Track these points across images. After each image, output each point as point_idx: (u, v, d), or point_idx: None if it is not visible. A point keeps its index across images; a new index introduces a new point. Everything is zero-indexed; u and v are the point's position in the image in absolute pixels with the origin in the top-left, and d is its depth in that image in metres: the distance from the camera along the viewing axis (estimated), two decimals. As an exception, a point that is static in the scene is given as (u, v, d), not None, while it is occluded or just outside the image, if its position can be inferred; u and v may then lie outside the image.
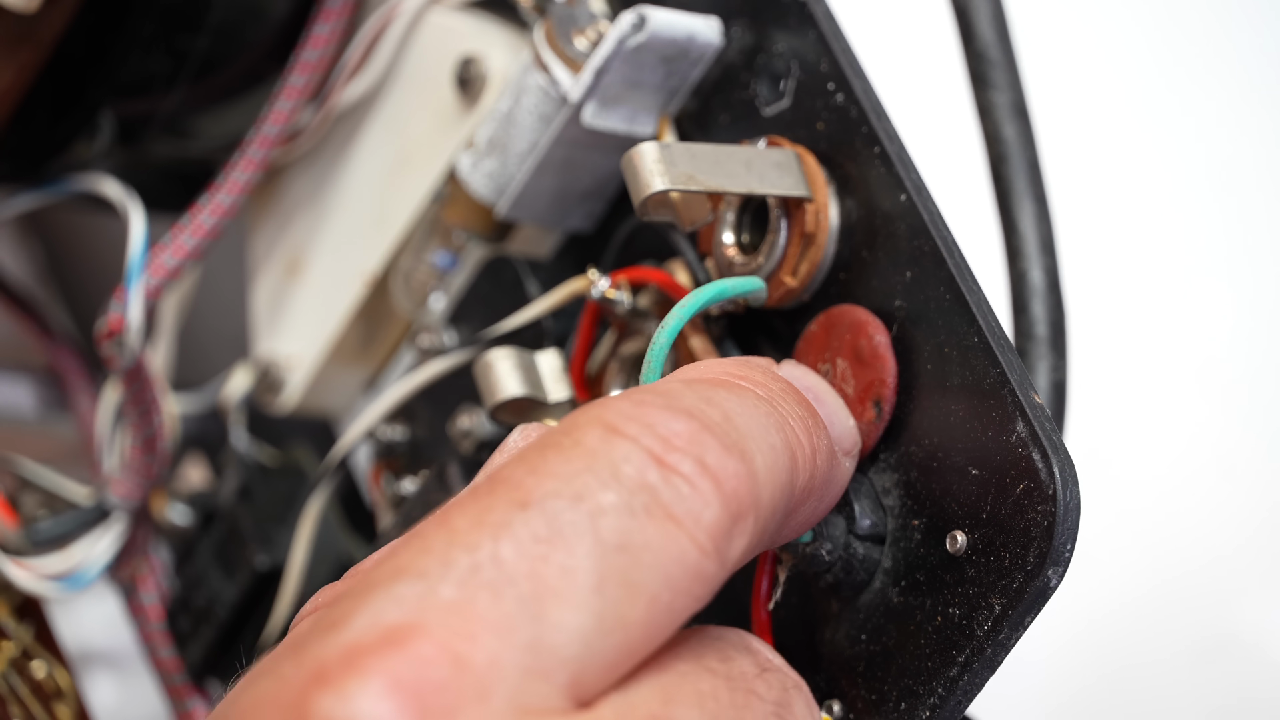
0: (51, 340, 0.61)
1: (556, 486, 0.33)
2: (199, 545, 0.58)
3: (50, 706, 0.55)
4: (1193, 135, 0.82)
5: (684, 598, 0.33)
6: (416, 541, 0.33)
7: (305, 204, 0.56)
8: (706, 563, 0.34)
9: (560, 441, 0.34)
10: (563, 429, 0.34)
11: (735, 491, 0.34)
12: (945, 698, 0.39)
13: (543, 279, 0.49)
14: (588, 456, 0.33)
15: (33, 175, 0.55)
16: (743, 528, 0.34)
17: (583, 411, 0.35)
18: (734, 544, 0.34)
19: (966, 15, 0.50)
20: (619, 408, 0.34)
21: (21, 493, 0.57)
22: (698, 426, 0.34)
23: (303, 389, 0.56)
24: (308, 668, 0.31)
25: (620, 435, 0.34)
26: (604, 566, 0.32)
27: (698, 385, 0.36)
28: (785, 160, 0.43)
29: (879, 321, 0.41)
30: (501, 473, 0.34)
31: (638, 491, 0.33)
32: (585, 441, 0.34)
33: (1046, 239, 0.49)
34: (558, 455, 0.34)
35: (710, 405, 0.35)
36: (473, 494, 0.34)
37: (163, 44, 0.52)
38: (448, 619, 0.31)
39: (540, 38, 0.47)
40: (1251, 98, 0.83)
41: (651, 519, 0.33)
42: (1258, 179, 0.81)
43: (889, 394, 0.40)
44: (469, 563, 0.32)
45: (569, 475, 0.33)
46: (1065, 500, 0.37)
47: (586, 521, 0.33)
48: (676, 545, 0.33)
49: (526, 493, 0.33)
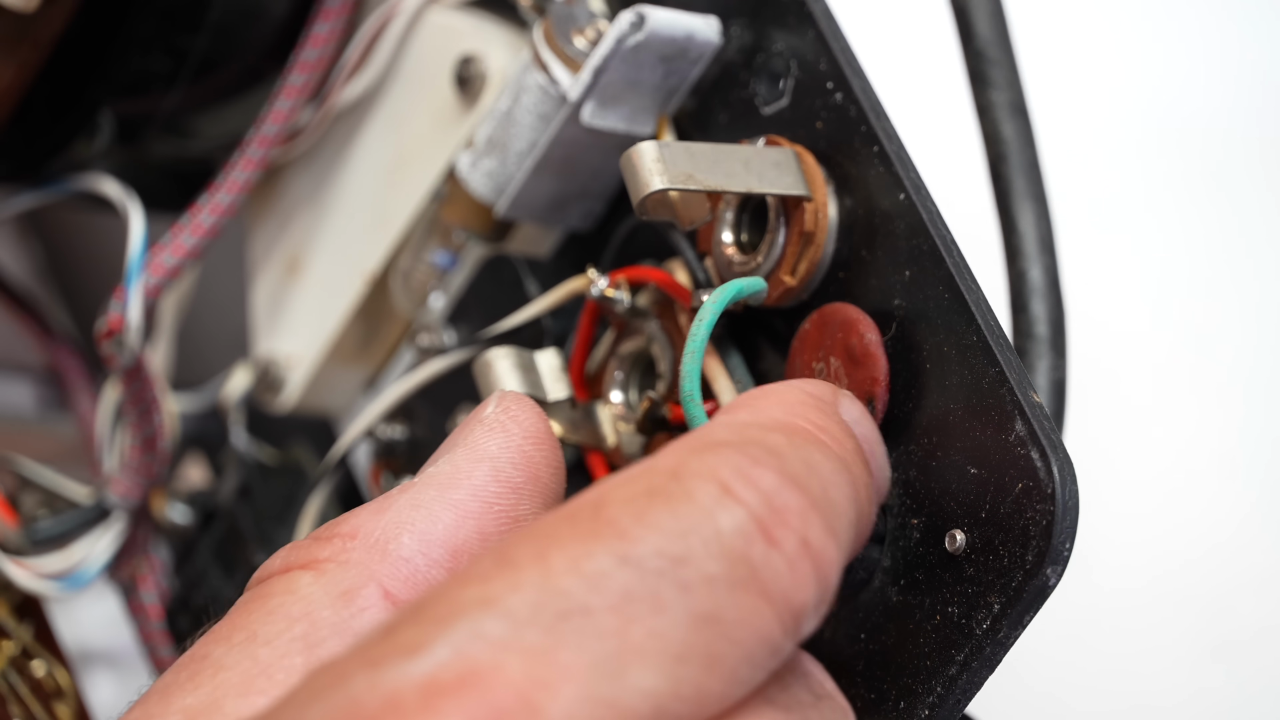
0: (51, 339, 0.61)
1: (660, 544, 0.32)
2: (199, 544, 0.58)
3: (50, 705, 0.55)
4: (1193, 134, 0.82)
5: (758, 672, 0.33)
6: (509, 573, 0.32)
7: (305, 203, 0.56)
8: (786, 642, 0.33)
9: (670, 491, 0.33)
10: (672, 472, 0.33)
11: (827, 576, 0.34)
12: (944, 696, 0.39)
13: (542, 278, 0.49)
14: (697, 516, 0.32)
15: (32, 174, 0.55)
16: (822, 609, 0.34)
17: (695, 454, 0.34)
18: (811, 624, 0.34)
19: (965, 14, 0.50)
20: (735, 464, 0.33)
21: (21, 492, 0.57)
22: (807, 503, 0.33)
23: (302, 388, 0.56)
24: (381, 693, 0.30)
25: (733, 499, 0.33)
26: (692, 637, 0.32)
27: (797, 441, 0.35)
28: (784, 159, 0.43)
29: (869, 319, 0.41)
30: (608, 511, 0.33)
31: (739, 564, 0.32)
32: (697, 497, 0.33)
33: (1046, 238, 0.49)
34: (666, 508, 0.33)
35: (812, 475, 0.34)
36: (573, 527, 0.33)
37: (162, 43, 0.52)
38: (530, 666, 0.30)
39: (539, 37, 0.47)
40: (1252, 97, 0.83)
41: (746, 594, 0.32)
42: (1258, 177, 0.81)
43: (881, 392, 0.40)
44: (559, 609, 0.31)
45: (675, 533, 0.32)
46: (1064, 499, 0.37)
47: (683, 587, 0.32)
48: (764, 623, 0.33)
49: (629, 544, 0.32)
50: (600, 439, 0.46)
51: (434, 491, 0.38)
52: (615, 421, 0.46)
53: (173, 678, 0.35)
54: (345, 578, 0.36)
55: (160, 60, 0.52)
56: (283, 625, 0.35)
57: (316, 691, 0.31)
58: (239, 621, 0.36)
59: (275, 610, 0.36)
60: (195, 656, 0.35)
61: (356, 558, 0.37)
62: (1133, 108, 0.82)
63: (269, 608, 0.36)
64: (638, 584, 0.32)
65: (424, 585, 0.37)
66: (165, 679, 0.35)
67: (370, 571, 0.36)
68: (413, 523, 0.37)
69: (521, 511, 0.38)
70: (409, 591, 0.36)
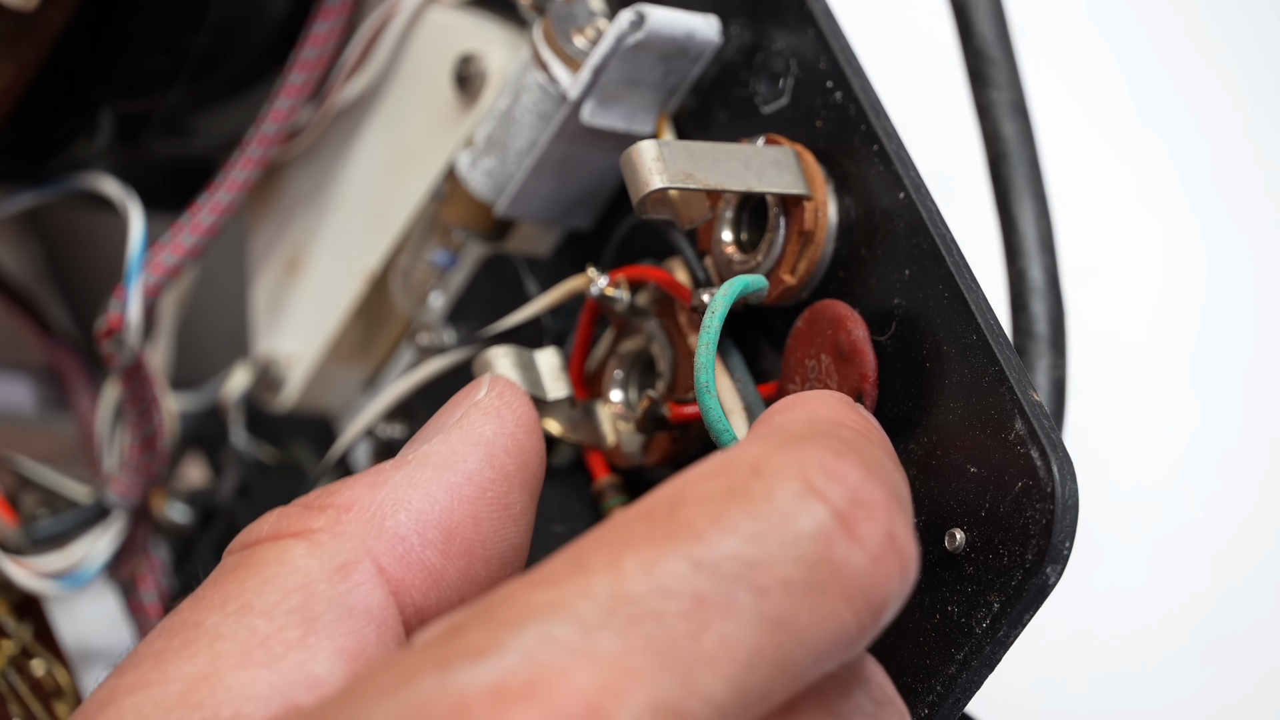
0: (51, 339, 0.61)
1: (736, 547, 0.31)
2: (198, 543, 0.58)
3: (50, 705, 0.55)
4: (1193, 132, 0.82)
5: (827, 668, 0.33)
6: (580, 577, 0.31)
7: (304, 202, 0.56)
8: (863, 639, 0.33)
9: (750, 490, 0.32)
10: (753, 468, 0.33)
11: (909, 567, 0.33)
12: (944, 695, 0.39)
13: (541, 277, 0.49)
14: (778, 518, 0.32)
15: (32, 174, 0.55)
16: (902, 602, 0.33)
17: (779, 449, 0.33)
18: (890, 617, 0.33)
19: (966, 13, 0.50)
20: (819, 458, 0.33)
21: (21, 491, 0.57)
22: (889, 495, 0.33)
23: (302, 387, 0.56)
24: (450, 696, 0.30)
25: (818, 498, 0.32)
26: (763, 642, 0.31)
27: (860, 437, 0.34)
28: (784, 158, 0.43)
29: (858, 316, 0.41)
30: (684, 512, 0.32)
31: (818, 566, 0.32)
32: (777, 498, 0.32)
33: (1046, 237, 0.49)
34: (745, 508, 0.32)
35: (883, 468, 0.34)
36: (648, 528, 0.32)
37: (162, 42, 0.52)
38: (599, 673, 0.30)
39: (539, 36, 0.47)
40: (1252, 95, 0.83)
41: (824, 596, 0.32)
42: (1259, 176, 0.81)
43: (870, 388, 0.40)
44: (630, 614, 0.31)
45: (753, 536, 0.32)
46: (1064, 498, 0.37)
47: (758, 593, 0.31)
48: (840, 624, 0.32)
49: (705, 548, 0.31)
50: (600, 438, 0.46)
51: (430, 472, 0.38)
52: (615, 420, 0.46)
53: (164, 643, 0.35)
54: (341, 551, 0.36)
55: (160, 59, 0.52)
56: (279, 596, 0.35)
57: (383, 689, 0.30)
58: (231, 590, 0.35)
59: (270, 580, 0.35)
60: (187, 623, 0.35)
61: (352, 530, 0.36)
62: (1133, 105, 0.82)
63: (263, 577, 0.35)
64: (711, 588, 0.31)
65: (417, 564, 0.37)
66: (156, 644, 0.35)
67: (366, 546, 0.36)
68: (409, 501, 0.37)
69: (511, 499, 0.38)
70: (402, 569, 0.36)
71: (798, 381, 0.42)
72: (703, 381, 0.40)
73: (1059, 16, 0.81)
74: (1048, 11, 0.79)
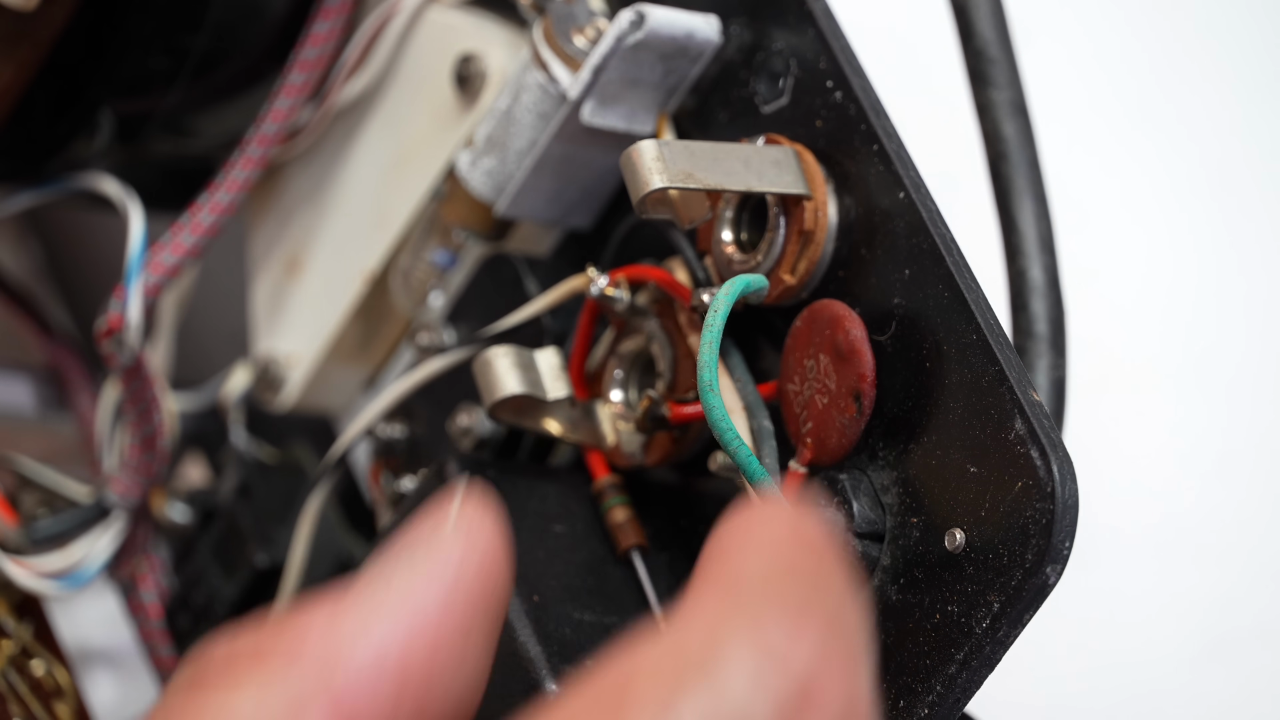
0: (51, 338, 0.61)
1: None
2: (198, 543, 0.58)
3: (50, 704, 0.55)
4: (1193, 132, 0.82)
5: None
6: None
7: (305, 202, 0.56)
8: None
9: (704, 669, 0.31)
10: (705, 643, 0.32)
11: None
12: (944, 695, 0.39)
13: (541, 277, 0.49)
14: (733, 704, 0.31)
15: (32, 173, 0.55)
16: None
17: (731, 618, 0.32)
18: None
19: (965, 13, 0.50)
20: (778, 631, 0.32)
21: (21, 491, 0.57)
22: (848, 655, 0.32)
23: (302, 387, 0.56)
24: None
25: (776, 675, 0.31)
26: None
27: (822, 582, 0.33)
28: (784, 158, 0.43)
29: (855, 315, 0.41)
30: (633, 697, 0.31)
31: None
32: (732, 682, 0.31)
33: (1046, 237, 0.49)
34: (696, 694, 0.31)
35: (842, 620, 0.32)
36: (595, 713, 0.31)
37: (162, 42, 0.52)
38: None
39: (539, 35, 0.47)
40: (1252, 95, 0.83)
41: None
42: (1258, 176, 0.81)
43: (867, 388, 0.40)
44: None
45: None
46: (1064, 498, 0.37)
47: None
48: None
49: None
50: (600, 438, 0.46)
51: (395, 601, 0.37)
52: (615, 420, 0.46)
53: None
54: (293, 688, 0.35)
55: (160, 59, 0.52)
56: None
57: None
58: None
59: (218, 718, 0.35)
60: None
61: (305, 672, 0.36)
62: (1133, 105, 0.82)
63: (210, 713, 0.35)
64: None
65: (372, 699, 0.36)
66: None
67: (322, 682, 0.36)
68: (368, 634, 0.36)
69: (474, 625, 0.38)
70: (358, 706, 0.36)
71: (797, 381, 0.42)
72: (706, 380, 0.40)
73: (1059, 16, 0.81)
74: (1048, 11, 0.79)
